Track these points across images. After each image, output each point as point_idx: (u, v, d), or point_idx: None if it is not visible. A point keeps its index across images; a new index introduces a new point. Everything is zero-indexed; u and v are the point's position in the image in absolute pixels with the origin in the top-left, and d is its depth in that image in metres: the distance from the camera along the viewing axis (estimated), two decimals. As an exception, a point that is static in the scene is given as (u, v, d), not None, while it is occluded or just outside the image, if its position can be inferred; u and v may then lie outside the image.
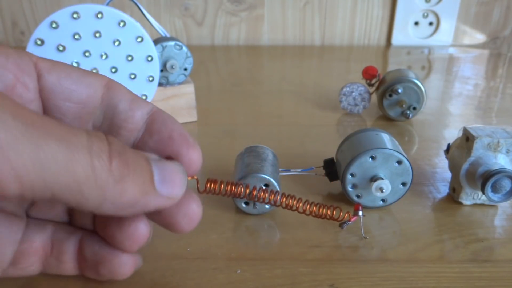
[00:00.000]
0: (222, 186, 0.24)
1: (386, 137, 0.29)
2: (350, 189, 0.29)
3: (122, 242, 0.20)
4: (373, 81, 0.47)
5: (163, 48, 0.42)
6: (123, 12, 0.36)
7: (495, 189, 0.28)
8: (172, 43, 0.43)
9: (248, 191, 0.24)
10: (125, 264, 0.21)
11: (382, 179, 0.28)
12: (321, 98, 0.54)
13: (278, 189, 0.28)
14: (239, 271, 0.24)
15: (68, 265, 0.22)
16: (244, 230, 0.28)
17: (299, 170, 0.33)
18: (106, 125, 0.21)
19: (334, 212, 0.26)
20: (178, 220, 0.20)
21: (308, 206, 0.26)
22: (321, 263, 0.25)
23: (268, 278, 0.24)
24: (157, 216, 0.20)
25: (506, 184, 0.27)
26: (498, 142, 0.28)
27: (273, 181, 0.28)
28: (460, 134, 0.30)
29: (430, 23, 0.86)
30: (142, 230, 0.20)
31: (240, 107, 0.51)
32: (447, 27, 0.86)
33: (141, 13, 0.43)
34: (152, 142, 0.20)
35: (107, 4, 0.37)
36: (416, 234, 0.27)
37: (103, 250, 0.21)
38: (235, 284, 0.23)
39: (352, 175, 0.29)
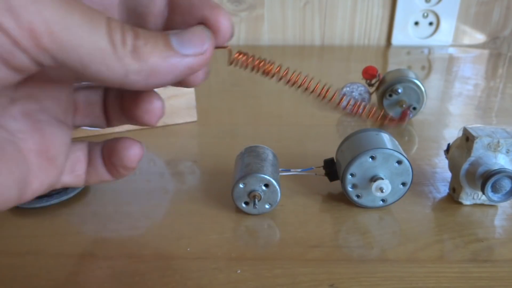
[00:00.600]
0: (251, 59, 0.23)
1: (386, 137, 0.29)
2: (350, 189, 0.29)
3: (143, 117, 0.23)
4: (373, 81, 0.47)
5: (163, 48, 0.42)
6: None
7: (495, 189, 0.28)
8: (172, 43, 0.43)
9: (278, 70, 0.24)
10: (129, 148, 0.24)
11: (382, 179, 0.28)
12: (321, 98, 0.54)
13: (278, 189, 0.28)
14: (239, 271, 0.24)
15: (100, 170, 0.25)
16: (244, 230, 0.28)
17: (299, 170, 0.33)
18: (132, 16, 0.22)
19: (370, 113, 0.26)
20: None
21: (341, 101, 0.25)
22: (321, 263, 0.25)
23: (268, 278, 0.24)
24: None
25: (506, 184, 0.27)
26: (498, 142, 0.28)
27: (273, 181, 0.28)
28: (460, 134, 0.30)
29: (430, 23, 0.86)
30: (157, 103, 0.23)
31: (240, 107, 0.51)
32: (447, 27, 0.86)
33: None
34: (178, 19, 0.21)
35: (107, 4, 0.37)
36: (416, 234, 0.27)
37: (116, 143, 0.24)
38: (235, 284, 0.23)
39: (352, 175, 0.29)
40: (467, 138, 0.29)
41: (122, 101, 0.24)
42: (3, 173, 0.19)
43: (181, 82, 0.22)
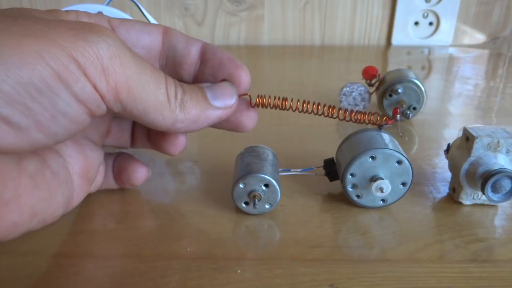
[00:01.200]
0: (270, 100, 0.27)
1: (386, 137, 0.29)
2: (350, 189, 0.29)
3: (168, 149, 0.28)
4: (373, 81, 0.47)
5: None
6: (123, 12, 0.36)
7: (495, 189, 0.28)
8: (172, 43, 0.42)
9: (292, 104, 0.28)
10: (138, 171, 0.29)
11: (382, 179, 0.28)
12: (321, 98, 0.54)
13: (278, 189, 0.28)
14: (239, 271, 0.24)
15: (110, 180, 0.30)
16: (244, 230, 0.28)
17: (299, 170, 0.33)
18: (170, 63, 0.26)
19: (372, 117, 0.29)
20: (242, 120, 0.28)
21: (347, 113, 0.29)
22: (321, 263, 0.25)
23: (268, 278, 0.24)
24: (226, 123, 0.28)
25: (506, 184, 0.27)
26: (498, 142, 0.28)
27: (273, 181, 0.28)
28: (460, 134, 0.30)
29: (430, 23, 0.86)
30: (182, 138, 0.28)
31: (240, 107, 0.51)
32: (447, 27, 0.86)
33: (141, 13, 0.43)
34: (208, 70, 0.26)
35: (107, 4, 0.37)
36: (416, 234, 0.27)
37: (126, 164, 0.29)
38: (235, 284, 0.23)
39: (352, 175, 0.29)
40: (467, 138, 0.29)
41: (151, 132, 0.29)
42: (58, 195, 0.23)
43: (232, 127, 0.29)
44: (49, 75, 0.17)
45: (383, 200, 0.30)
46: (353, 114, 0.29)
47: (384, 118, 0.29)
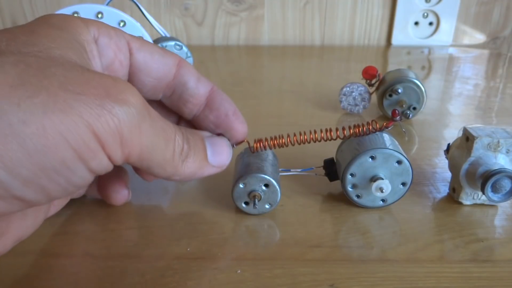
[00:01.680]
0: (267, 142, 0.29)
1: (386, 137, 0.29)
2: (350, 189, 0.29)
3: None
4: (373, 81, 0.47)
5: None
6: (123, 12, 0.36)
7: (495, 189, 0.28)
8: (172, 43, 0.43)
9: (289, 140, 0.29)
10: (118, 192, 0.29)
11: (382, 179, 0.28)
12: (321, 98, 0.54)
13: (278, 189, 0.28)
14: (239, 271, 0.24)
15: (94, 191, 0.30)
16: (244, 230, 0.28)
17: (299, 170, 0.33)
18: (176, 97, 0.26)
19: (371, 126, 0.29)
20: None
21: (344, 131, 0.29)
22: (321, 263, 0.25)
23: (268, 278, 0.24)
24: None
25: (506, 184, 0.27)
26: (498, 142, 0.28)
27: (273, 181, 0.28)
28: (460, 134, 0.30)
29: (430, 23, 0.86)
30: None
31: (240, 107, 0.51)
32: (447, 27, 0.86)
33: (141, 13, 0.43)
34: (212, 117, 0.26)
35: (107, 4, 0.37)
36: (416, 234, 0.27)
37: (108, 183, 0.29)
38: (235, 284, 0.23)
39: (352, 175, 0.29)
40: (467, 138, 0.29)
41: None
42: (41, 216, 0.23)
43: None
44: (70, 157, 0.16)
45: (383, 200, 0.30)
46: (351, 130, 0.29)
47: (384, 123, 0.29)
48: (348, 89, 0.47)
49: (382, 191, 0.28)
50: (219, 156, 0.25)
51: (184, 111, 0.26)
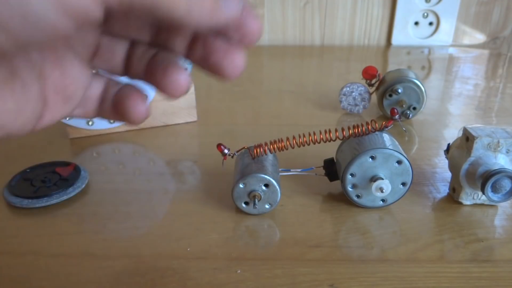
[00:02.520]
0: (267, 147, 0.29)
1: (386, 137, 0.29)
2: (350, 189, 0.29)
3: (166, 86, 0.23)
4: (373, 81, 0.47)
5: (163, 48, 0.42)
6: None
7: (495, 189, 0.28)
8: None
9: (288, 143, 0.29)
10: (137, 106, 0.24)
11: (382, 179, 0.28)
12: (321, 98, 0.54)
13: (278, 189, 0.28)
14: (239, 271, 0.24)
15: (107, 110, 0.25)
16: (244, 230, 0.28)
17: (299, 170, 0.33)
18: None
19: (370, 126, 0.29)
20: (223, 64, 0.22)
21: (344, 132, 0.29)
22: (321, 263, 0.25)
23: (268, 278, 0.24)
24: (205, 63, 0.23)
25: (506, 184, 0.27)
26: (498, 142, 0.28)
27: (273, 181, 0.28)
28: (460, 134, 0.30)
29: (430, 23, 0.86)
30: (184, 78, 0.22)
31: (240, 107, 0.51)
32: (447, 27, 0.86)
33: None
34: None
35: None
36: (416, 234, 0.27)
37: (127, 93, 0.25)
38: (235, 284, 0.23)
39: (352, 175, 0.29)
40: (467, 138, 0.29)
41: (151, 62, 0.24)
42: (28, 109, 0.20)
43: (212, 69, 0.22)
44: None
45: (383, 200, 0.30)
46: (350, 131, 0.29)
47: (383, 123, 0.29)
48: (348, 89, 0.47)
49: (382, 191, 0.28)
50: (231, 2, 0.21)
51: None
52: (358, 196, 0.29)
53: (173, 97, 0.23)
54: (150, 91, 0.39)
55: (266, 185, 0.28)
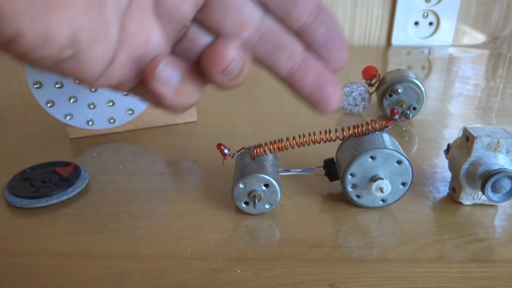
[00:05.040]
0: (267, 147, 0.29)
1: (386, 137, 0.29)
2: (350, 189, 0.29)
3: (210, 64, 0.19)
4: (373, 81, 0.47)
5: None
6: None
7: (495, 189, 0.28)
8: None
9: (288, 143, 0.29)
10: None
11: (382, 179, 0.28)
12: (321, 98, 0.54)
13: (278, 189, 0.28)
14: (239, 271, 0.24)
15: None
16: (244, 230, 0.28)
17: (299, 170, 0.33)
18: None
19: (370, 126, 0.29)
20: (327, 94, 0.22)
21: (344, 132, 0.29)
22: (321, 263, 0.25)
23: (268, 278, 0.24)
24: (305, 91, 0.23)
25: (506, 184, 0.27)
26: (498, 142, 0.28)
27: (273, 181, 0.28)
28: (460, 134, 0.30)
29: (430, 23, 0.86)
30: (231, 52, 0.18)
31: (240, 107, 0.51)
32: (447, 27, 0.86)
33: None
34: (320, 31, 0.22)
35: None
36: (416, 234, 0.27)
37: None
38: (235, 284, 0.23)
39: (352, 175, 0.29)
40: (467, 138, 0.29)
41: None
42: (110, 23, 0.17)
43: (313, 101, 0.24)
44: None
45: (383, 200, 0.30)
46: (350, 131, 0.29)
47: (383, 123, 0.29)
48: (348, 89, 0.47)
49: (382, 191, 0.28)
50: None
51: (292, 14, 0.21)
52: (358, 196, 0.29)
53: (215, 74, 0.19)
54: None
55: (266, 185, 0.28)
